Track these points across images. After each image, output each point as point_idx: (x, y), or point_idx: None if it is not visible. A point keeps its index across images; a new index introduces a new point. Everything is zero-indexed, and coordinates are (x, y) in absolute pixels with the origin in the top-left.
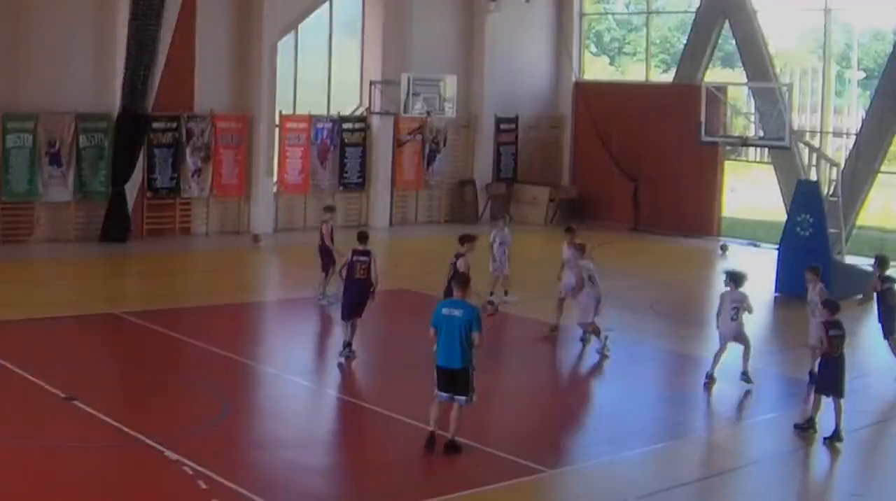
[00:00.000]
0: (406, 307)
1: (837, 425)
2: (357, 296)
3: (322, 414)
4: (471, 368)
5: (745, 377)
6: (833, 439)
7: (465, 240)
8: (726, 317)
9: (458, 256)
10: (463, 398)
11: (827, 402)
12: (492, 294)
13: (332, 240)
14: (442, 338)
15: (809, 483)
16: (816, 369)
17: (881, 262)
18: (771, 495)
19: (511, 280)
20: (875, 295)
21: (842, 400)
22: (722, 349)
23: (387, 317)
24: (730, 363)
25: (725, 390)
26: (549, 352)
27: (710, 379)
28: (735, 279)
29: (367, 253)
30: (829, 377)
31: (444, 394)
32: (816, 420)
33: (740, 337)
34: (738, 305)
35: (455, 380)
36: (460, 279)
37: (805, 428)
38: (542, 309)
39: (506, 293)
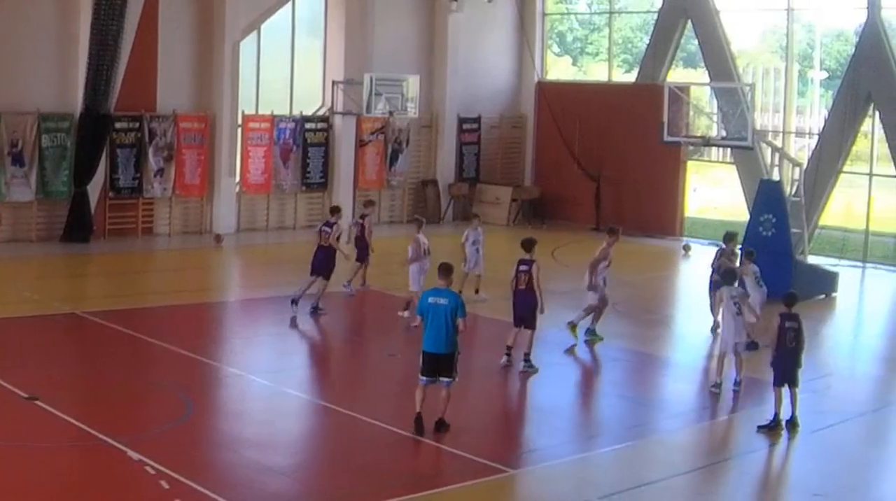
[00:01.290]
0: (368, 307)
1: (793, 413)
2: (320, 255)
3: (285, 414)
4: (456, 352)
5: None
6: (789, 425)
7: (531, 244)
8: (728, 315)
9: (528, 263)
10: (447, 380)
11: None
12: (460, 292)
13: (370, 233)
14: (428, 325)
15: (771, 483)
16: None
17: (730, 238)
18: (733, 495)
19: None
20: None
21: (796, 389)
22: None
23: (349, 317)
24: (688, 365)
25: (687, 390)
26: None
27: (718, 388)
28: (730, 276)
29: (331, 225)
30: (785, 369)
31: (427, 378)
32: (780, 414)
33: (741, 339)
34: (737, 300)
35: (440, 364)
36: (445, 268)
37: (771, 427)
38: (508, 309)
39: (476, 292)
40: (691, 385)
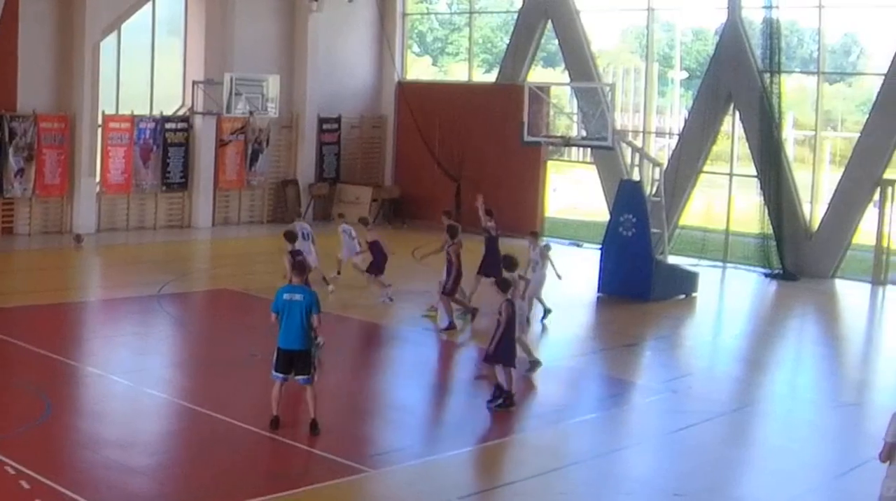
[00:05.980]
0: (227, 306)
1: (510, 389)
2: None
3: (145, 413)
4: (312, 349)
5: None
6: (506, 403)
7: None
8: None
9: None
10: (303, 377)
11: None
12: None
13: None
14: (283, 322)
15: (631, 483)
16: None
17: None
18: (592, 495)
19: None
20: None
21: (512, 369)
22: None
23: (208, 317)
24: (547, 365)
25: (546, 390)
26: (370, 352)
27: None
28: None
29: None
30: (507, 348)
31: (281, 375)
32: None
33: None
34: None
35: (295, 361)
36: (299, 265)
37: (500, 399)
38: (365, 310)
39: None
40: (550, 385)
